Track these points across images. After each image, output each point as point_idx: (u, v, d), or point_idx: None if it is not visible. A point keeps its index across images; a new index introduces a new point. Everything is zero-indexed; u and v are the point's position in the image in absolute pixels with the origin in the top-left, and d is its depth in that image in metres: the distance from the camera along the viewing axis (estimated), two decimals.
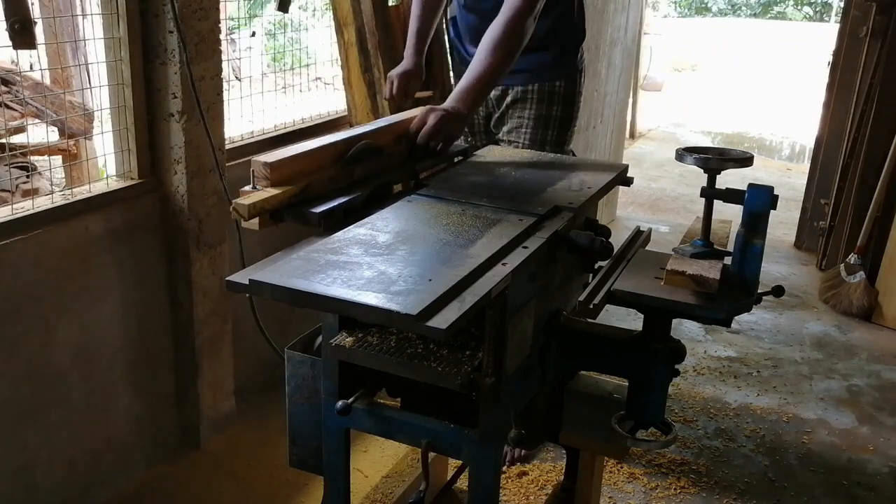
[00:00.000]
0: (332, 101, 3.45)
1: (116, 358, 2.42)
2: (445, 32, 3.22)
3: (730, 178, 1.76)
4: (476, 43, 2.31)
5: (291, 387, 1.72)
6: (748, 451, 2.89)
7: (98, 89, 2.43)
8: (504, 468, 2.63)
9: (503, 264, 1.47)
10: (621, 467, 2.72)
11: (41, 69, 3.70)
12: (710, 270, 1.58)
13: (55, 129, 3.82)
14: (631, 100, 6.89)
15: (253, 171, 1.64)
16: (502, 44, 2.20)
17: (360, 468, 2.63)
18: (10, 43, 1.93)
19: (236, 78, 3.47)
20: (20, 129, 3.69)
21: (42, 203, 2.19)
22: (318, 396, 1.67)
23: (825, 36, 8.90)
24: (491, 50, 2.20)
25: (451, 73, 3.07)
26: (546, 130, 2.62)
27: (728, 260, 1.68)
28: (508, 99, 2.66)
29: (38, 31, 2.16)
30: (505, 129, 2.70)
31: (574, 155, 2.83)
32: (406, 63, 2.66)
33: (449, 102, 2.13)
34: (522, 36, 2.26)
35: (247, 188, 1.64)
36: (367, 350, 1.52)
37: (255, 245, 2.47)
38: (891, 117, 4.22)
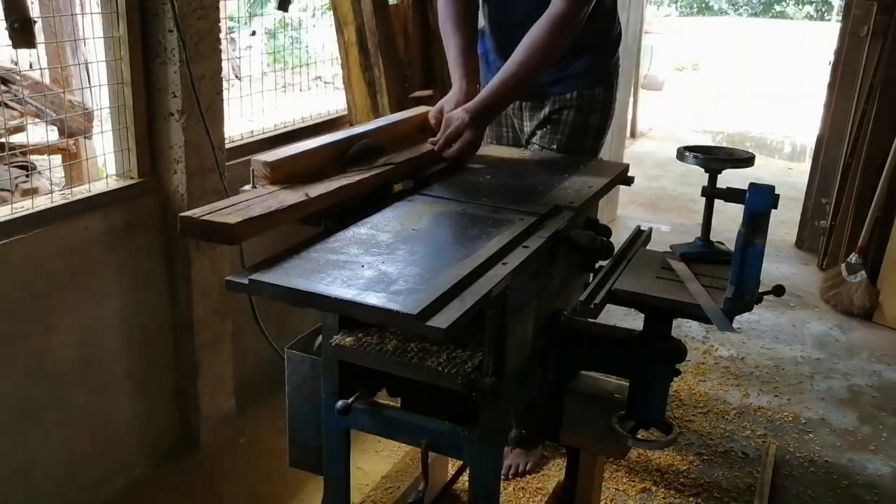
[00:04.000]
0: (332, 101, 3.45)
1: (116, 358, 2.42)
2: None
3: (731, 178, 1.75)
4: (505, 56, 2.19)
5: (291, 387, 1.72)
6: (748, 451, 2.89)
7: (98, 88, 2.43)
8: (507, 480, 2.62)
9: (503, 264, 1.47)
10: (622, 467, 2.72)
11: (41, 68, 3.70)
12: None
13: (55, 128, 3.81)
14: (632, 99, 6.88)
15: (253, 170, 1.64)
16: (543, 44, 2.10)
17: (360, 467, 2.63)
18: (9, 42, 1.93)
19: (236, 77, 3.47)
20: (20, 129, 3.69)
21: (41, 202, 2.19)
22: (318, 396, 1.67)
23: (826, 35, 8.88)
24: (530, 49, 2.10)
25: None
26: (582, 140, 2.47)
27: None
28: (546, 109, 2.46)
29: (38, 30, 2.15)
30: (539, 134, 2.49)
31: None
32: (459, 91, 2.26)
33: (475, 102, 2.09)
34: (566, 38, 2.16)
35: (246, 187, 1.64)
36: (367, 350, 1.52)
37: (254, 244, 2.46)
38: (892, 117, 4.21)
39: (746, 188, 1.53)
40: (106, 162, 2.49)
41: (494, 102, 2.12)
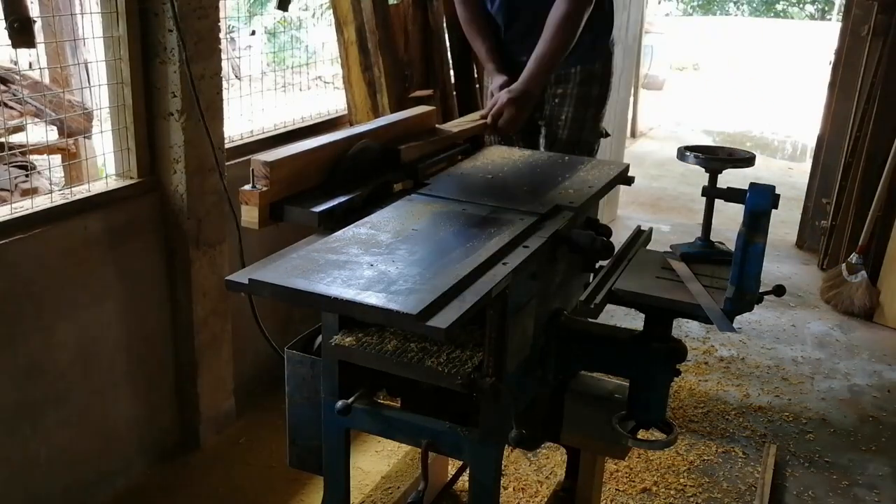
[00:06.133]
0: (332, 101, 3.45)
1: (116, 358, 2.42)
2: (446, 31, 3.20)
3: (731, 178, 1.75)
4: (522, 42, 2.59)
5: (291, 387, 1.72)
6: (749, 451, 2.89)
7: (97, 88, 2.43)
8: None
9: (504, 264, 1.47)
10: (622, 467, 2.71)
11: (40, 68, 3.70)
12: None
13: (54, 128, 3.81)
14: (632, 99, 6.88)
15: (252, 170, 1.64)
16: (565, 26, 2.47)
17: (360, 467, 2.62)
18: (9, 42, 1.93)
19: (236, 77, 3.47)
20: (19, 129, 3.68)
21: (41, 202, 2.19)
22: (318, 396, 1.66)
23: (827, 35, 8.88)
24: (555, 32, 2.47)
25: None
26: (586, 109, 2.79)
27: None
28: (552, 79, 2.75)
29: (38, 29, 2.15)
30: (547, 106, 2.80)
31: (608, 133, 3.00)
32: (499, 77, 2.64)
33: (518, 84, 2.45)
34: (582, 18, 2.50)
35: (246, 187, 1.64)
36: (367, 350, 1.52)
37: (254, 244, 2.46)
38: (892, 116, 4.21)
39: (747, 188, 1.53)
40: (105, 162, 2.49)
41: (531, 87, 2.47)
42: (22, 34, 1.91)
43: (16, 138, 3.79)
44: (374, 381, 1.66)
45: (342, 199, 1.69)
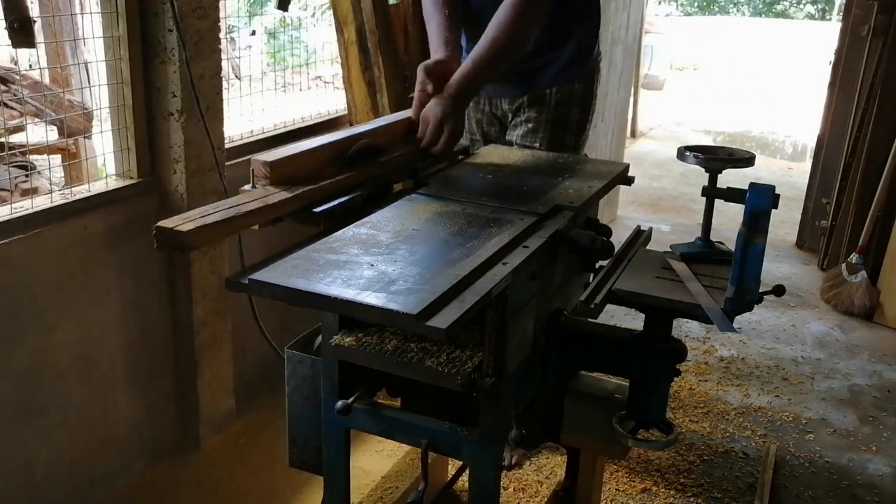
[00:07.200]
0: (332, 101, 3.45)
1: (116, 357, 2.42)
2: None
3: (731, 178, 1.75)
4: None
5: (291, 387, 1.72)
6: (749, 451, 2.89)
7: (97, 88, 2.43)
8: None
9: (503, 264, 1.46)
10: (622, 467, 2.71)
11: (40, 68, 3.70)
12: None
13: (54, 128, 3.81)
14: (632, 99, 6.88)
15: (252, 170, 1.64)
16: (511, 20, 2.06)
17: (360, 467, 2.62)
18: (9, 42, 1.93)
19: (236, 77, 3.47)
20: (19, 128, 3.69)
21: (41, 202, 2.19)
22: (318, 396, 1.66)
23: (827, 35, 8.89)
24: (499, 26, 2.07)
25: None
26: (564, 135, 2.45)
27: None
28: (525, 101, 2.45)
29: (38, 29, 2.15)
30: (519, 132, 2.47)
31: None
32: (436, 54, 2.21)
33: (450, 91, 2.04)
34: (533, 14, 2.10)
35: (246, 187, 1.64)
36: (367, 350, 1.52)
37: (254, 244, 2.46)
38: (892, 116, 4.21)
39: (747, 188, 1.53)
40: (105, 162, 2.49)
41: (469, 84, 2.07)
42: (22, 34, 1.91)
43: (16, 138, 3.79)
44: (374, 381, 1.66)
45: (342, 199, 1.69)
